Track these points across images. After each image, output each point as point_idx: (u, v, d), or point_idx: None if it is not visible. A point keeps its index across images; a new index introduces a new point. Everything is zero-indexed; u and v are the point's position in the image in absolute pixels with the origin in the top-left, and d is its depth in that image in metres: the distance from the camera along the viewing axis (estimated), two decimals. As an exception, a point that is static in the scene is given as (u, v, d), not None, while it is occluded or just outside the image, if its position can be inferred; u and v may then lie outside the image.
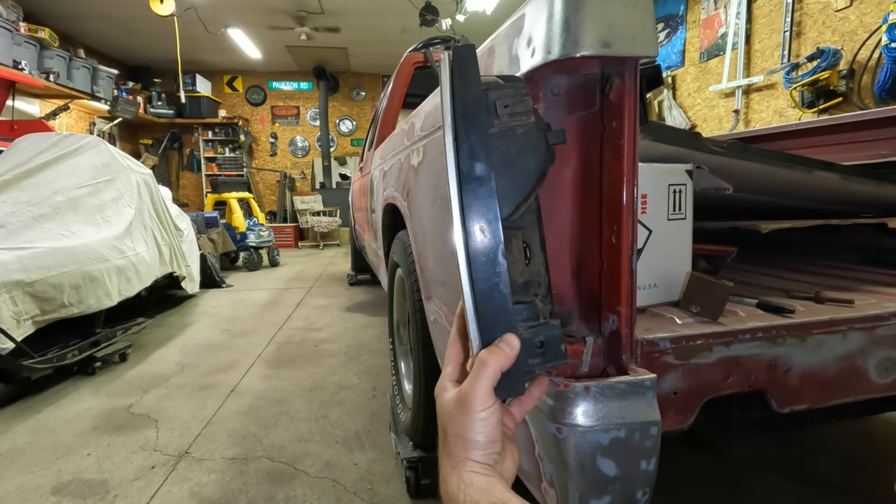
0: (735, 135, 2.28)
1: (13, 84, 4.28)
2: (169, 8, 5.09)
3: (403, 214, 1.42)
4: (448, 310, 1.07)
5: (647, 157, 0.88)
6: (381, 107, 2.88)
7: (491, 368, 0.40)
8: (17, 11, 5.12)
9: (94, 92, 6.12)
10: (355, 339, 3.01)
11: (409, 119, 1.40)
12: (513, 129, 0.46)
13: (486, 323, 0.42)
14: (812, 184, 1.10)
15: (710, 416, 0.76)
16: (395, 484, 1.53)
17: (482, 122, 0.44)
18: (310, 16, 6.06)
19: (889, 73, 2.90)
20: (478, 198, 0.42)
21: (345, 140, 9.30)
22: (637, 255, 0.60)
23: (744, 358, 0.73)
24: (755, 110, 4.08)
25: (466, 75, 0.44)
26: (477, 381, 0.41)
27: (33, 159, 2.82)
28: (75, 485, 1.56)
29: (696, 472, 1.54)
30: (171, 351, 2.86)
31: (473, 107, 0.44)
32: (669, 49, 5.02)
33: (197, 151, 8.80)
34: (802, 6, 3.60)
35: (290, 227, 8.24)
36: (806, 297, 0.93)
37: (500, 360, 0.41)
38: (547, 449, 0.61)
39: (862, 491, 1.45)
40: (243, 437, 1.83)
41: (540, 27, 0.57)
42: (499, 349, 0.41)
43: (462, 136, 0.43)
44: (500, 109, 0.46)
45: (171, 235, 3.58)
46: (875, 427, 1.78)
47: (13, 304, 2.13)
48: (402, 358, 1.82)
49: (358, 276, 4.84)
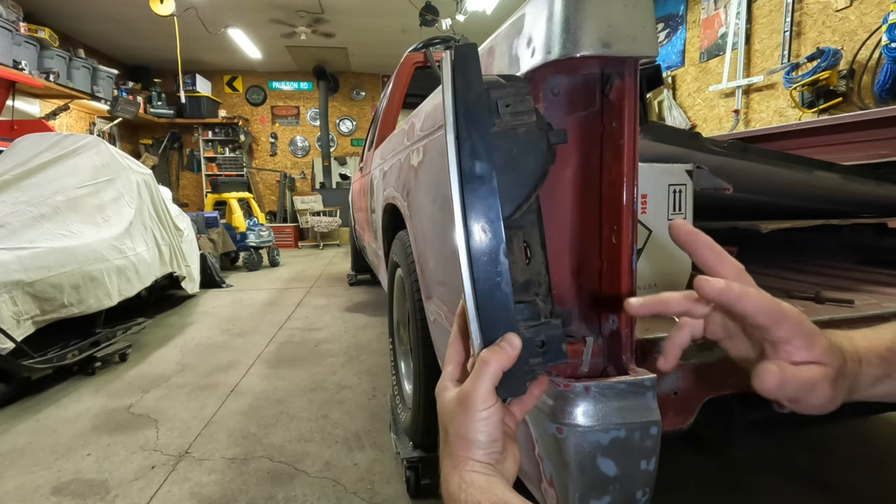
0: (735, 135, 2.28)
1: (13, 84, 4.28)
2: (169, 8, 5.09)
3: (403, 214, 1.42)
4: (448, 310, 1.07)
5: (647, 157, 0.88)
6: (381, 107, 2.88)
7: (492, 368, 0.40)
8: (17, 11, 5.12)
9: (94, 92, 6.13)
10: (355, 339, 3.01)
11: (409, 119, 1.40)
12: (514, 128, 0.46)
13: (487, 322, 0.42)
14: (812, 184, 1.10)
15: (710, 416, 0.76)
16: (395, 484, 1.53)
17: (484, 121, 0.44)
18: (310, 16, 6.06)
19: (889, 73, 2.90)
20: (479, 197, 0.42)
21: (345, 140, 9.30)
22: (637, 255, 0.60)
23: (744, 358, 0.73)
24: (755, 110, 4.08)
25: (468, 74, 0.44)
26: (478, 380, 0.40)
27: (33, 159, 2.82)
28: (75, 485, 1.56)
29: (696, 472, 1.54)
30: (171, 351, 2.86)
31: (475, 106, 0.43)
32: (669, 49, 5.02)
33: (197, 151, 8.80)
34: (802, 6, 3.60)
35: (290, 227, 8.24)
36: (806, 297, 0.93)
37: (502, 359, 0.40)
38: (547, 449, 0.61)
39: (862, 491, 1.45)
40: (243, 437, 1.83)
41: (540, 27, 0.57)
42: (500, 348, 0.41)
43: (464, 135, 0.43)
44: (502, 109, 0.46)
45: (171, 235, 3.58)
46: (875, 427, 1.79)
47: (13, 304, 2.13)
48: (402, 358, 1.82)
49: (358, 276, 4.84)
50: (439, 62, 0.46)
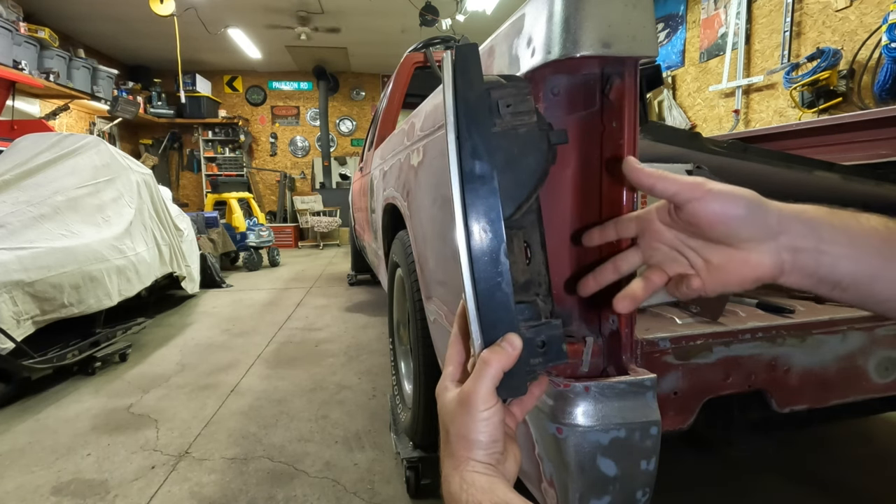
0: (735, 135, 2.28)
1: (13, 84, 4.28)
2: (169, 8, 5.09)
3: (403, 214, 1.42)
4: (448, 310, 1.07)
5: (647, 157, 0.88)
6: (381, 107, 2.88)
7: (493, 368, 0.40)
8: (17, 11, 5.12)
9: (94, 92, 6.13)
10: (355, 339, 3.01)
11: (409, 119, 1.40)
12: (515, 128, 0.46)
13: (488, 322, 0.42)
14: (812, 184, 1.10)
15: (710, 416, 0.76)
16: (395, 484, 1.53)
17: (485, 120, 0.44)
18: (310, 16, 6.06)
19: (889, 73, 2.90)
20: (480, 197, 0.42)
21: (345, 140, 9.31)
22: (637, 255, 0.60)
23: (744, 358, 0.73)
24: (755, 110, 4.08)
25: (469, 74, 0.44)
26: (479, 380, 0.40)
27: (33, 159, 2.82)
28: (75, 485, 1.56)
29: (696, 472, 1.54)
30: (171, 351, 2.86)
31: (476, 106, 0.43)
32: (669, 49, 5.02)
33: (197, 151, 8.80)
34: (802, 6, 3.60)
35: (290, 227, 8.24)
36: (806, 296, 0.93)
37: (503, 359, 0.40)
38: (547, 449, 0.61)
39: (862, 491, 1.45)
40: (243, 437, 1.83)
41: (540, 27, 0.57)
42: (501, 349, 0.41)
43: (464, 135, 0.43)
44: (503, 109, 0.46)
45: (171, 235, 3.58)
46: (875, 427, 1.79)
47: (13, 304, 2.13)
48: (402, 358, 1.82)
49: (358, 276, 4.84)
50: (440, 62, 0.46)
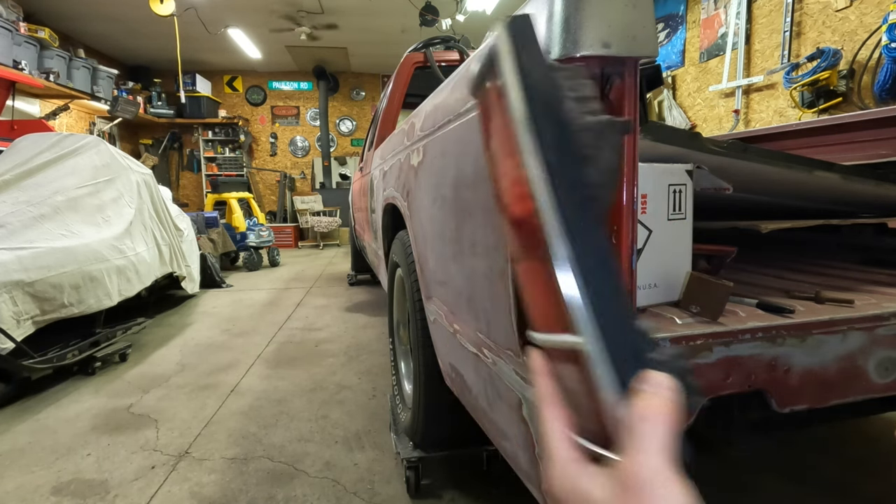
0: (735, 135, 2.28)
1: (13, 84, 4.28)
2: (169, 8, 5.09)
3: (403, 214, 1.42)
4: (448, 310, 1.06)
5: (647, 157, 0.88)
6: (381, 107, 2.88)
7: (661, 425, 0.28)
8: (17, 11, 5.12)
9: (94, 92, 6.12)
10: (355, 339, 3.01)
11: (409, 119, 1.40)
12: (582, 116, 0.38)
13: (617, 357, 0.30)
14: (812, 184, 1.10)
15: (710, 416, 0.76)
16: (395, 484, 1.53)
17: (561, 108, 0.35)
18: (310, 16, 6.06)
19: (889, 73, 2.90)
20: (577, 206, 0.33)
21: (345, 140, 9.30)
22: (637, 255, 0.60)
23: (744, 358, 0.73)
24: (755, 110, 4.08)
25: (531, 51, 0.36)
26: (650, 448, 0.28)
27: (33, 159, 2.82)
28: (75, 485, 1.56)
29: (696, 471, 1.54)
30: (171, 351, 2.86)
31: (547, 88, 0.35)
32: (669, 49, 5.02)
33: (197, 151, 8.79)
34: (802, 6, 3.60)
35: (290, 227, 8.24)
36: (806, 297, 0.93)
37: (668, 411, 0.29)
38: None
39: (862, 491, 1.45)
40: (243, 437, 1.83)
41: (540, 27, 0.57)
42: (658, 396, 0.29)
43: (544, 126, 0.34)
44: (567, 94, 0.38)
45: (171, 235, 3.58)
46: (875, 427, 1.78)
47: (13, 304, 2.13)
48: (402, 358, 1.82)
49: (358, 276, 4.84)
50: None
